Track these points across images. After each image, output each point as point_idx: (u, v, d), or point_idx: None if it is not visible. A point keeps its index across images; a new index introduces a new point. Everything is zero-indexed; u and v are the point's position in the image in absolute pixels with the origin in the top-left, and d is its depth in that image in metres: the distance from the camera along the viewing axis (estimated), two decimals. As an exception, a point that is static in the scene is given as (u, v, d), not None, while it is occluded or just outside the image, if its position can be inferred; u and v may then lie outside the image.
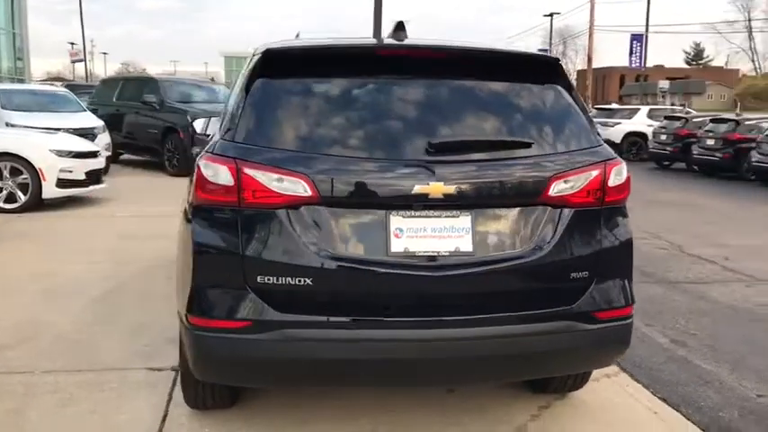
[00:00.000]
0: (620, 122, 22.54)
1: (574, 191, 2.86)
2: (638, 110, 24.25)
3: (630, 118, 22.99)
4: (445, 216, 2.76)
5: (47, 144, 9.44)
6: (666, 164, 20.42)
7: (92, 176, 9.67)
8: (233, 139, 2.77)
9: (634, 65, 47.81)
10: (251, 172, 2.68)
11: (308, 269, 2.67)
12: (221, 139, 2.82)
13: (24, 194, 9.01)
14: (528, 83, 3.02)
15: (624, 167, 3.01)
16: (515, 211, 2.84)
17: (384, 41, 3.11)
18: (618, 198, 2.98)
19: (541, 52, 5.19)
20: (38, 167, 9.01)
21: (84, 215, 9.05)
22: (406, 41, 3.08)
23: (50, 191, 9.14)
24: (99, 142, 11.98)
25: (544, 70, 3.08)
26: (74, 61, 56.53)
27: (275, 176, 2.67)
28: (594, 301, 2.89)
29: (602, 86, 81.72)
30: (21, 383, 3.76)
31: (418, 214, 2.74)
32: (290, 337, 2.68)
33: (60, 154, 9.29)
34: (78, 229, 8.15)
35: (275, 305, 2.69)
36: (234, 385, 3.32)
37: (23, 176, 8.99)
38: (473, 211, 2.78)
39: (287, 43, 3.12)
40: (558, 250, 2.82)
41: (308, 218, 2.69)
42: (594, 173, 2.90)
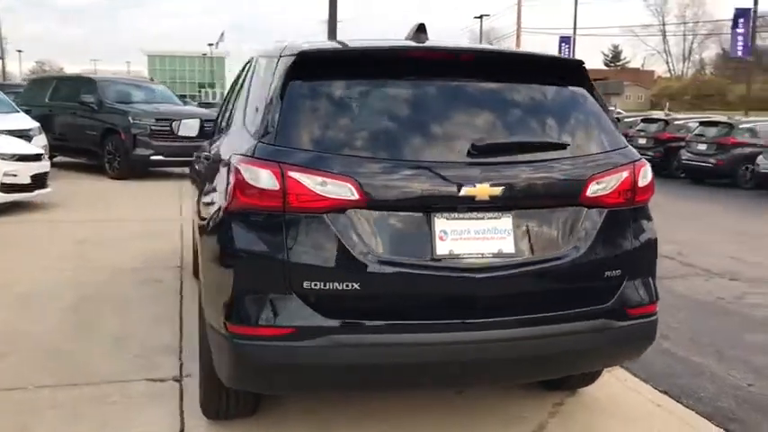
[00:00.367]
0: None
1: (607, 191, 2.92)
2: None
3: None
4: (487, 218, 2.77)
5: (-12, 147, 8.95)
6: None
7: (37, 180, 9.21)
8: (273, 143, 2.70)
9: (561, 66, 48.97)
10: (296, 175, 2.62)
11: (354, 273, 2.63)
12: (259, 142, 2.74)
13: (-34, 200, 8.52)
14: (556, 85, 3.07)
15: (649, 168, 3.09)
16: (553, 212, 2.87)
17: (419, 44, 3.09)
18: (644, 198, 3.06)
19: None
20: (-21, 172, 8.53)
21: (34, 221, 8.60)
22: (440, 44, 3.07)
23: (-6, 196, 8.67)
24: (35, 144, 11.41)
25: (570, 72, 3.13)
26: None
27: (321, 180, 2.62)
28: (626, 299, 2.96)
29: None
30: (15, 400, 3.56)
31: (462, 216, 2.74)
32: (336, 343, 2.63)
33: (3, 157, 8.79)
34: (32, 236, 7.75)
35: (321, 310, 2.64)
36: (272, 393, 3.24)
37: (-36, 181, 8.50)
38: (513, 212, 2.80)
39: (318, 45, 3.06)
40: (594, 250, 2.87)
41: (353, 221, 2.65)
42: (625, 174, 2.96)
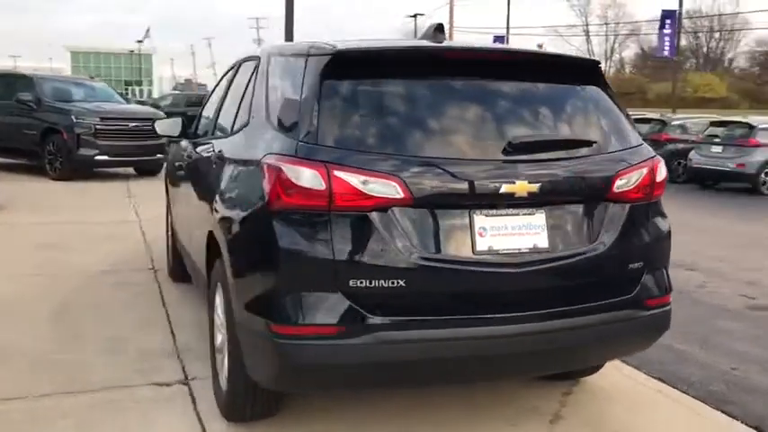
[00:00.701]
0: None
1: (630, 187, 3.04)
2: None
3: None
4: (522, 214, 2.85)
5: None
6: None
7: (-17, 182, 8.85)
8: (315, 142, 2.70)
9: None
10: (342, 175, 2.63)
11: (400, 271, 2.66)
12: (300, 142, 2.73)
13: None
14: (577, 84, 3.18)
15: (663, 164, 3.23)
16: (582, 207, 2.98)
17: (452, 45, 3.15)
18: (660, 193, 3.21)
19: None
20: None
21: (-16, 225, 8.25)
22: (473, 45, 3.13)
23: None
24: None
25: (588, 72, 3.25)
26: None
27: (367, 179, 2.64)
28: (646, 290, 3.09)
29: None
30: (20, 410, 3.43)
31: (499, 213, 2.81)
32: (384, 340, 2.66)
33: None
34: (-13, 241, 7.44)
35: (368, 308, 2.66)
36: (313, 393, 3.23)
37: None
38: (545, 208, 2.89)
39: (353, 44, 3.07)
40: (620, 243, 2.99)
41: (398, 219, 2.68)
42: (645, 170, 3.10)
